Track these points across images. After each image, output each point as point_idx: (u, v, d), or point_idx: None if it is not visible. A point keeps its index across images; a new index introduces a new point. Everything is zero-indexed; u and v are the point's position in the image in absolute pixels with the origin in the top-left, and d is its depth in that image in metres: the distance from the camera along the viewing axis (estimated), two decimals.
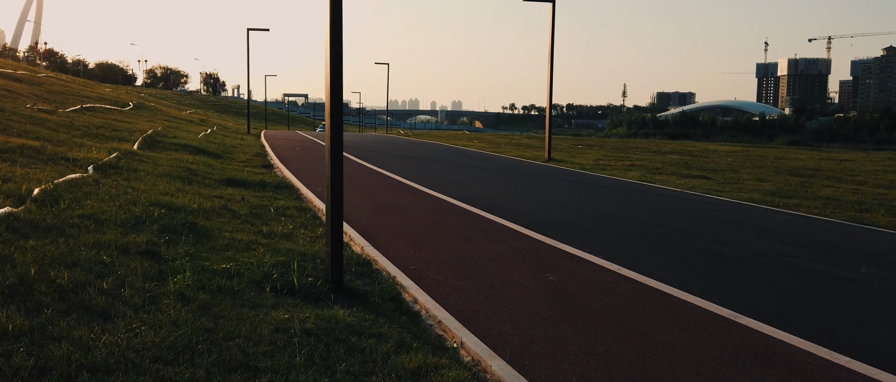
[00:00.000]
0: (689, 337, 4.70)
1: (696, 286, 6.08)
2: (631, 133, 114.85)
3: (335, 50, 5.23)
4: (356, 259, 6.70)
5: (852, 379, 4.02)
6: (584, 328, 4.85)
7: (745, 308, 5.39)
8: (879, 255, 7.87)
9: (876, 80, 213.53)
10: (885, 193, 14.35)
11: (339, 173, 5.39)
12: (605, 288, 5.95)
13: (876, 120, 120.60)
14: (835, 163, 23.50)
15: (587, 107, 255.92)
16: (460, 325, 4.84)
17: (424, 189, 12.64)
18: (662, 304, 5.52)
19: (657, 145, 37.65)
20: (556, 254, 7.33)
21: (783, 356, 4.39)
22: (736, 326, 4.98)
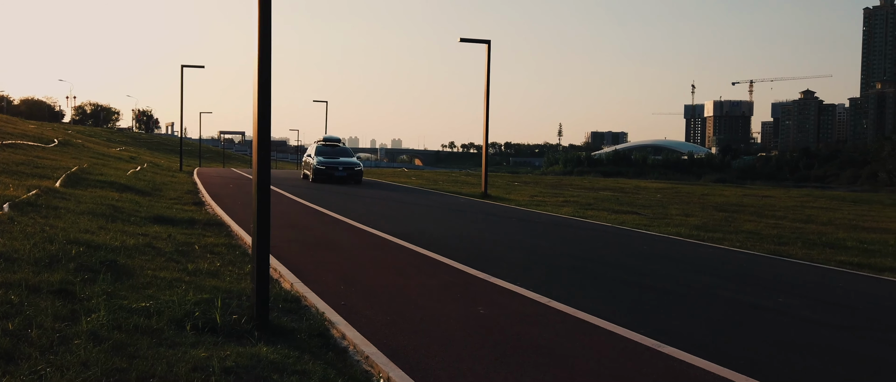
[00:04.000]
0: (613, 367, 4.77)
1: (623, 317, 6.20)
2: (567, 171, 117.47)
3: (263, 84, 5.18)
4: (285, 296, 6.55)
5: None
6: (511, 359, 4.86)
7: (668, 338, 5.51)
8: (796, 285, 8.22)
9: (794, 121, 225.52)
10: (802, 227, 15.07)
11: (265, 208, 5.30)
12: (535, 321, 5.99)
13: (795, 159, 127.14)
14: (757, 199, 24.57)
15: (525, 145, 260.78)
16: (388, 360, 4.77)
17: (360, 225, 12.55)
18: (590, 335, 5.59)
19: (591, 182, 38.58)
20: (488, 288, 7.36)
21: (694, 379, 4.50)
22: (659, 355, 5.09)
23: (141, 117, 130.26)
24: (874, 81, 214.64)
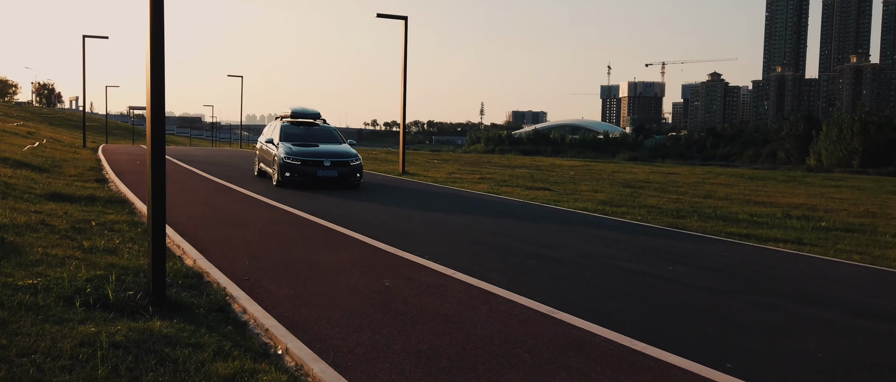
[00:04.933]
0: (508, 332, 4.97)
1: (523, 287, 6.44)
2: (488, 149, 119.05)
3: (156, 50, 5.04)
4: (186, 272, 6.44)
5: (644, 361, 4.44)
6: (412, 329, 4.98)
7: (563, 305, 5.78)
8: (686, 255, 8.73)
9: (702, 102, 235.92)
10: (700, 201, 15.91)
11: (161, 181, 5.19)
12: (438, 291, 6.14)
13: (703, 139, 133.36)
14: (663, 176, 25.69)
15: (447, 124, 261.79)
16: (287, 332, 4.80)
17: (271, 202, 12.38)
18: (490, 304, 5.79)
19: (509, 160, 39.27)
20: (396, 262, 7.46)
21: (590, 344, 4.76)
22: (553, 320, 5.34)
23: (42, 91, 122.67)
24: (775, 65, 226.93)
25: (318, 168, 14.84)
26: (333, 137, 16.64)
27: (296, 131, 16.23)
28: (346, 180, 15.16)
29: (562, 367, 4.29)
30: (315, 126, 16.80)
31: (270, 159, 15.79)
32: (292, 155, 14.89)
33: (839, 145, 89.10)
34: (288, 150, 15.06)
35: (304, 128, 16.56)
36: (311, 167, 14.82)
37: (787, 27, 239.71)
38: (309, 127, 16.71)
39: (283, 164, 14.80)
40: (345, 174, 15.08)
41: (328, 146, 15.76)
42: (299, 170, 14.75)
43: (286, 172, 14.75)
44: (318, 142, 15.90)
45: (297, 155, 14.89)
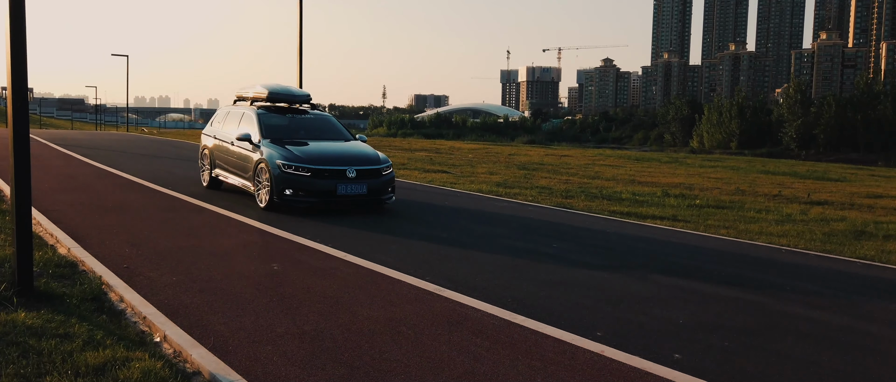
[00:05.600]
0: (394, 310, 5.07)
1: (412, 266, 6.55)
2: (391, 133, 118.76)
3: (16, 18, 4.73)
4: (59, 261, 6.12)
5: (521, 333, 4.66)
6: (297, 311, 4.98)
7: (451, 283, 5.94)
8: (570, 233, 9.14)
9: (596, 87, 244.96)
10: (588, 182, 16.64)
11: (25, 164, 4.89)
12: (326, 274, 6.15)
13: (596, 122, 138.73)
14: (556, 158, 26.62)
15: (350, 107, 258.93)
16: (166, 319, 4.68)
17: (157, 187, 11.88)
18: (378, 284, 5.86)
19: (410, 144, 39.37)
20: (286, 246, 7.39)
21: (472, 319, 4.94)
22: (438, 298, 5.48)
23: None
24: (662, 52, 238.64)
25: (338, 181, 9.35)
26: (338, 131, 11.15)
27: (282, 124, 10.72)
28: (377, 197, 9.78)
29: (443, 342, 4.43)
30: (308, 116, 11.22)
31: (246, 166, 10.26)
32: (294, 161, 9.40)
33: (719, 128, 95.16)
34: (284, 152, 9.57)
35: (293, 118, 11.01)
36: (328, 179, 9.33)
37: (673, 15, 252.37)
38: (298, 116, 11.12)
39: (282, 176, 9.31)
40: (376, 189, 9.69)
41: (338, 145, 10.37)
42: (308, 185, 9.31)
43: (287, 188, 9.30)
44: (317, 139, 10.53)
45: (303, 161, 9.40)
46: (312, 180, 9.37)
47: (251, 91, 11.51)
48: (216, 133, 11.76)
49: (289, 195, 9.39)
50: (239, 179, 10.74)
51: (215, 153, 11.63)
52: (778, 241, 9.00)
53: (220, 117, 12.10)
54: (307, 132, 10.85)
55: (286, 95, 11.40)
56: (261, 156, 9.86)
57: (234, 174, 10.90)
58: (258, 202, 9.85)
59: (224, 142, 11.31)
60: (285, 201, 9.41)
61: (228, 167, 11.14)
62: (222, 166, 11.38)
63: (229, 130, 11.20)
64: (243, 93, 11.84)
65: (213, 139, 11.77)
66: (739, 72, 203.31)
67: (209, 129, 12.29)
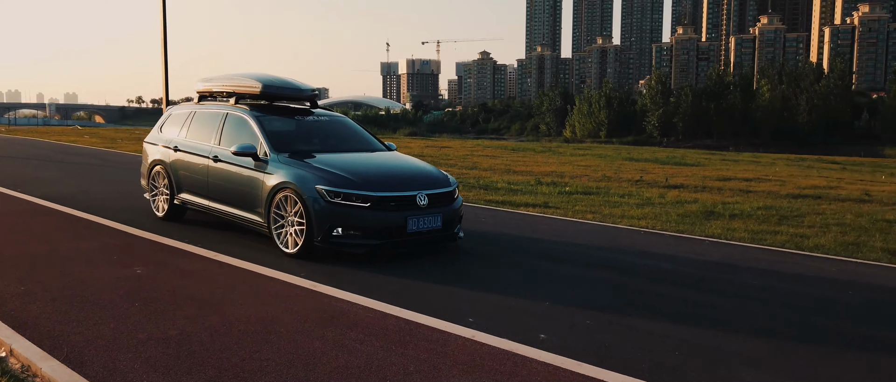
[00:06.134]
0: (266, 309, 4.97)
1: (284, 262, 6.44)
2: None
3: None
4: None
5: (396, 323, 4.72)
6: (162, 315, 4.77)
7: (326, 278, 5.89)
8: None
9: (474, 79, 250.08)
10: (466, 172, 17.00)
11: None
12: (196, 275, 5.92)
13: (476, 114, 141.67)
14: (436, 150, 26.95)
15: None
16: (13, 332, 4.34)
17: (3, 190, 10.91)
18: (250, 283, 5.72)
19: None
20: (154, 247, 7.04)
21: (348, 313, 4.93)
22: (312, 293, 5.43)
23: None
24: (535, 45, 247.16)
25: (408, 213, 6.61)
26: (363, 138, 8.26)
27: (289, 130, 7.79)
28: (449, 232, 7.01)
29: (317, 338, 4.41)
30: (319, 118, 8.18)
31: (252, 194, 7.17)
32: (343, 186, 6.53)
33: (589, 118, 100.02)
34: (324, 173, 6.66)
35: (300, 122, 8.00)
36: (395, 211, 6.58)
37: (545, 10, 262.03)
38: (306, 120, 8.06)
39: (328, 209, 6.43)
40: (450, 221, 6.96)
41: (384, 160, 7.56)
42: (368, 220, 6.47)
43: (336, 226, 6.45)
44: (343, 150, 7.66)
45: (357, 186, 6.55)
46: (373, 213, 6.41)
47: (228, 83, 8.26)
48: (178, 143, 8.39)
49: (339, 237, 6.42)
50: (235, 210, 7.44)
51: (181, 173, 8.27)
52: (638, 223, 9.62)
53: (179, 120, 8.67)
54: (324, 142, 7.83)
55: (287, 90, 8.05)
56: (281, 179, 6.74)
57: (226, 204, 7.58)
58: (280, 246, 6.75)
59: (198, 156, 7.97)
60: (334, 244, 6.46)
61: (214, 194, 7.77)
62: (199, 192, 8.01)
63: (204, 140, 8.01)
64: (213, 87, 8.57)
65: (174, 152, 8.39)
66: (607, 64, 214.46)
67: (159, 136, 8.92)
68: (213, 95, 8.78)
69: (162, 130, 9.00)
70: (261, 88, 7.86)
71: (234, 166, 7.47)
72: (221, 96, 8.62)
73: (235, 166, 7.44)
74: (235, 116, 7.85)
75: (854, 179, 19.08)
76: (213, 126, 8.06)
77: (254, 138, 7.37)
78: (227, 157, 7.56)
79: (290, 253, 6.69)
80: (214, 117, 8.14)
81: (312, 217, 6.47)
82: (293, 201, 6.67)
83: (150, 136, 9.21)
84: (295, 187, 6.64)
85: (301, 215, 6.59)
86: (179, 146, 8.38)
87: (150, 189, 8.90)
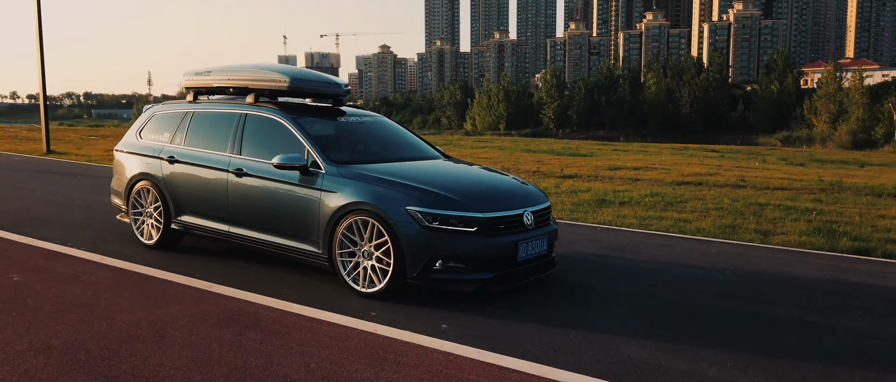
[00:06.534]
0: (159, 313, 4.78)
1: (180, 264, 6.21)
2: None
3: None
4: None
5: (298, 321, 4.67)
6: (43, 324, 4.49)
7: (223, 278, 5.73)
8: None
9: (375, 73, 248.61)
10: None
11: None
12: (80, 280, 5.60)
13: (377, 108, 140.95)
14: None
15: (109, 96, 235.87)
16: None
17: None
18: (140, 286, 5.48)
19: None
20: (31, 253, 6.59)
21: (247, 313, 4.82)
22: (207, 294, 5.27)
23: None
24: (435, 39, 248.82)
25: (518, 236, 5.37)
26: (415, 144, 6.92)
27: (330, 134, 6.38)
28: (550, 255, 5.83)
29: (214, 339, 4.29)
30: (356, 119, 6.77)
31: (302, 219, 5.68)
32: (441, 207, 5.18)
33: (489, 111, 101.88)
34: (408, 190, 5.30)
35: (340, 124, 6.61)
36: (505, 236, 5.30)
37: (444, 4, 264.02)
38: (344, 121, 6.67)
39: (426, 236, 5.07)
40: (551, 243, 5.80)
41: (456, 170, 6.29)
42: (475, 248, 5.14)
43: (436, 257, 5.09)
44: (398, 159, 6.28)
45: (460, 206, 5.21)
46: (481, 239, 5.12)
47: (240, 77, 6.58)
48: (174, 153, 6.74)
49: (440, 271, 5.11)
50: (274, 238, 5.91)
51: (182, 190, 6.63)
52: None
53: (169, 123, 7.04)
54: (374, 149, 6.50)
55: (322, 85, 6.57)
56: (350, 198, 5.33)
57: (259, 230, 6.04)
58: (350, 284, 5.39)
59: (210, 169, 6.37)
60: (434, 281, 5.14)
61: (238, 217, 6.19)
62: (214, 214, 6.39)
63: (216, 149, 6.40)
64: (215, 81, 6.82)
65: (168, 164, 6.75)
66: (504, 58, 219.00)
67: (138, 143, 7.20)
68: (212, 92, 7.11)
69: (141, 136, 7.24)
70: (289, 82, 6.25)
71: (270, 181, 5.86)
72: (227, 93, 6.97)
73: (273, 182, 5.83)
74: (260, 117, 6.24)
75: (731, 165, 20.52)
76: (226, 130, 6.40)
77: (295, 146, 5.84)
78: (260, 169, 5.95)
79: (369, 293, 5.25)
80: (227, 119, 6.48)
81: (404, 247, 5.05)
82: (372, 227, 5.21)
83: (124, 143, 7.44)
84: (374, 208, 5.17)
85: (384, 245, 5.17)
86: (177, 156, 6.67)
87: (132, 211, 7.11)
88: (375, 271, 5.28)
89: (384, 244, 5.19)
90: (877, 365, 4.13)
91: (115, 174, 7.46)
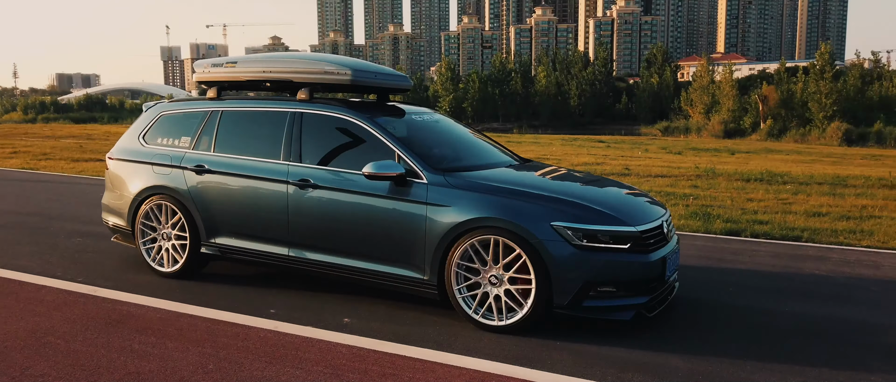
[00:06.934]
0: (38, 321, 4.48)
1: (61, 268, 5.83)
2: (29, 118, 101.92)
3: None
4: None
5: (191, 321, 4.51)
6: None
7: (108, 282, 5.44)
8: None
9: None
10: None
11: None
12: None
13: None
14: None
15: None
16: None
17: None
18: (17, 294, 5.10)
19: (54, 130, 34.55)
20: None
21: (135, 316, 4.61)
22: (92, 298, 4.98)
23: None
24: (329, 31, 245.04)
25: (666, 251, 4.60)
26: (490, 147, 5.87)
27: (403, 136, 5.17)
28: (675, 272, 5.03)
29: (101, 345, 4.07)
30: (420, 118, 5.72)
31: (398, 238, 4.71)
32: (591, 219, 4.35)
33: None
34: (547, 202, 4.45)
35: (409, 124, 5.53)
36: (654, 252, 4.48)
37: None
38: (412, 120, 5.60)
39: (582, 258, 4.22)
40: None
41: (561, 175, 5.34)
42: (630, 269, 4.32)
43: (596, 283, 4.26)
44: (483, 164, 5.27)
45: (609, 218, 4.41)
46: (634, 258, 4.36)
47: (284, 68, 5.48)
48: (204, 161, 5.55)
49: (597, 298, 4.32)
50: (360, 263, 4.91)
51: (218, 206, 5.46)
52: None
53: (187, 125, 5.84)
54: (456, 152, 5.51)
55: (386, 78, 5.64)
56: (471, 214, 4.45)
57: (338, 253, 5.00)
58: (471, 315, 4.50)
59: (261, 180, 5.26)
60: (586, 309, 4.33)
61: (304, 238, 5.13)
62: (267, 234, 5.28)
63: (265, 155, 5.30)
64: (249, 72, 5.65)
65: (197, 174, 5.54)
66: (399, 51, 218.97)
67: (144, 150, 5.93)
68: (237, 87, 6.03)
69: (146, 141, 5.97)
70: (351, 75, 5.24)
71: (351, 194, 4.86)
72: (262, 88, 5.99)
73: (356, 195, 4.84)
74: (323, 116, 5.20)
75: (617, 155, 21.58)
76: (274, 133, 5.33)
77: (380, 150, 4.88)
78: (333, 180, 4.94)
79: (502, 327, 4.40)
80: (272, 119, 5.40)
81: (551, 271, 4.25)
82: (500, 247, 4.39)
83: (121, 150, 6.09)
84: (508, 224, 4.32)
85: (521, 269, 4.34)
86: (208, 165, 5.49)
87: (141, 233, 5.81)
88: (510, 298, 4.40)
89: (521, 268, 4.32)
90: (761, 338, 4.51)
91: (112, 188, 6.09)
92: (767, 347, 4.25)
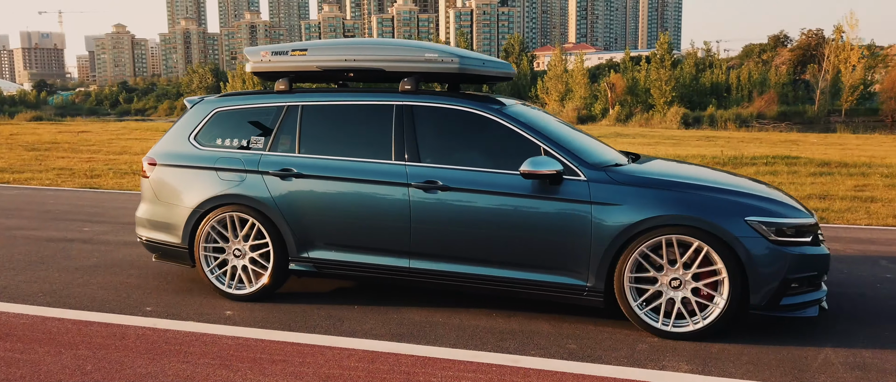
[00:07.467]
0: None
1: None
2: None
3: None
4: None
5: (61, 325, 4.32)
6: None
7: None
8: (103, 214, 8.54)
9: (110, 55, 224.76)
10: (115, 158, 15.53)
11: None
12: None
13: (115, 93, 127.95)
14: (73, 135, 23.88)
15: None
16: None
17: None
18: None
19: None
20: None
21: (7, 325, 4.34)
22: None
23: None
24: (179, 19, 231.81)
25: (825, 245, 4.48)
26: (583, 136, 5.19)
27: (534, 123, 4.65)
28: None
29: None
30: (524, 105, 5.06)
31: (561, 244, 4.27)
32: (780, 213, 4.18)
33: None
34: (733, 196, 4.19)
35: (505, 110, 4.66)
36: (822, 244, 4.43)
37: None
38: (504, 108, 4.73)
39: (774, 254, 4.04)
40: None
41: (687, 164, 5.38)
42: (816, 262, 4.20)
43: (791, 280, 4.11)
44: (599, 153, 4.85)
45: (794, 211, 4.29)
46: (816, 250, 4.22)
47: (379, 56, 4.80)
48: (290, 164, 4.80)
49: (790, 294, 4.14)
50: (504, 272, 4.41)
51: (310, 216, 4.75)
52: None
53: (257, 122, 5.02)
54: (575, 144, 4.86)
55: (494, 66, 5.11)
56: (648, 213, 4.10)
57: (479, 263, 4.45)
58: (651, 324, 4.16)
59: (373, 184, 4.59)
60: (783, 307, 4.12)
61: (430, 246, 4.51)
62: (382, 245, 4.62)
63: (371, 155, 4.66)
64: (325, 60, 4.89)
65: (283, 180, 4.77)
66: (257, 40, 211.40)
67: (209, 154, 5.02)
68: (307, 77, 5.31)
69: (200, 143, 5.10)
70: (459, 63, 4.68)
71: (495, 195, 4.34)
72: (340, 78, 5.35)
73: (499, 197, 4.34)
74: (440, 109, 4.64)
75: None
76: (376, 129, 4.71)
77: (521, 146, 4.42)
78: (470, 180, 4.39)
79: (688, 333, 4.11)
80: (372, 114, 4.76)
81: (749, 270, 4.01)
82: (690, 248, 4.07)
83: (167, 153, 5.17)
84: (699, 222, 4.02)
85: (725, 277, 4.03)
86: (298, 169, 4.75)
87: (203, 249, 4.95)
88: (698, 304, 4.12)
89: (703, 267, 4.07)
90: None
91: (156, 199, 5.16)
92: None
